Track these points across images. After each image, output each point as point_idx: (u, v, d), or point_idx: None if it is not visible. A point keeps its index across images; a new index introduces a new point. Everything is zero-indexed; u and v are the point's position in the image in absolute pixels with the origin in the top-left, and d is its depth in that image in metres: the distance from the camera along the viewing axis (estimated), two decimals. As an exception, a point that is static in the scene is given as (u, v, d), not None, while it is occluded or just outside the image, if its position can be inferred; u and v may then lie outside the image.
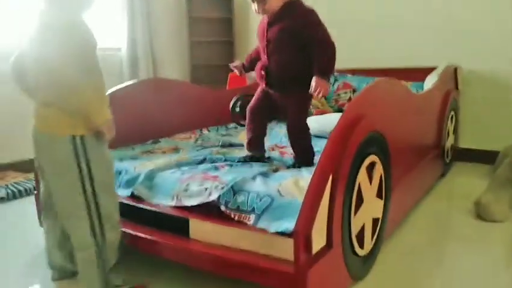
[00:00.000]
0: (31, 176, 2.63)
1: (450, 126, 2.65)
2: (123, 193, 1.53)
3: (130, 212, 1.44)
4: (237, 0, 3.98)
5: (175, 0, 3.94)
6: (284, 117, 1.68)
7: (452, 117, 2.68)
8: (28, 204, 2.23)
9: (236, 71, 1.85)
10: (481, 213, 1.94)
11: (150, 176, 1.52)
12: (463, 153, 2.95)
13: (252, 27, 3.93)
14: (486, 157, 2.73)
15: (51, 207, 1.31)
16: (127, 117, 2.02)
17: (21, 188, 2.41)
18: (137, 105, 2.13)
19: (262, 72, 1.63)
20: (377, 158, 1.42)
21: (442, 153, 2.49)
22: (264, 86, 1.66)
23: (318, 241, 1.11)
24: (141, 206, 1.45)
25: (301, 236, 1.05)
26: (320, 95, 1.48)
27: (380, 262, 1.50)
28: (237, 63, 1.86)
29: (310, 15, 1.56)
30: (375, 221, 1.46)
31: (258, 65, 1.67)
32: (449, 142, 2.66)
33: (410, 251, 1.64)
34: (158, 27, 3.79)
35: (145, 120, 2.19)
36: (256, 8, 1.59)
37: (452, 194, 2.36)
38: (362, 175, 1.32)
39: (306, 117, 1.65)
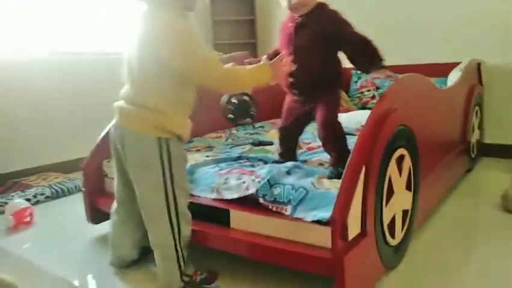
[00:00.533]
0: (72, 176, 2.79)
1: (475, 121, 2.68)
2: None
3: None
4: (258, 2, 4.08)
5: (199, 4, 4.05)
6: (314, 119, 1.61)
7: (476, 113, 2.71)
8: (72, 202, 2.39)
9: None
10: (508, 206, 1.97)
11: (191, 171, 1.62)
12: (489, 149, 2.97)
13: (274, 28, 4.01)
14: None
15: (126, 200, 1.42)
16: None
17: (64, 187, 2.55)
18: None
19: (291, 79, 1.55)
20: (406, 151, 1.48)
21: (468, 148, 2.53)
22: (292, 93, 1.63)
23: (353, 229, 1.18)
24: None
25: (338, 223, 1.13)
26: (390, 77, 1.46)
27: (411, 252, 1.56)
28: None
29: (338, 16, 1.55)
30: (405, 212, 1.52)
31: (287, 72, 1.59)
32: (475, 137, 2.68)
33: (440, 243, 1.70)
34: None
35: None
36: (289, 4, 1.54)
37: (479, 188, 2.39)
38: (392, 167, 1.38)
39: (338, 116, 1.58)
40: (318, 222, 1.22)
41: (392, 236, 1.41)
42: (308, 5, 1.55)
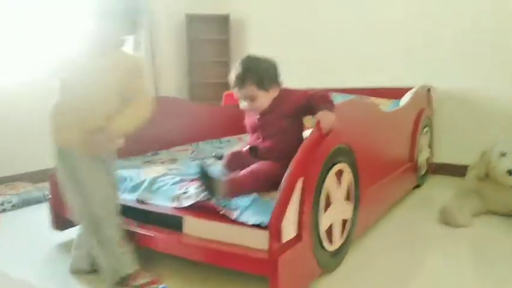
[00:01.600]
0: (40, 185, 2.87)
1: (424, 142, 2.90)
2: (129, 197, 1.77)
3: (135, 214, 1.67)
4: (232, 24, 4.28)
5: (175, 24, 4.23)
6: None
7: (426, 133, 2.93)
8: (39, 211, 2.48)
9: None
10: (446, 219, 2.17)
11: (153, 182, 1.75)
12: (439, 167, 3.21)
13: (247, 48, 4.22)
14: (460, 170, 2.94)
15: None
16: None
17: (31, 197, 2.64)
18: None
19: (248, 150, 1.71)
20: (346, 166, 1.66)
21: (416, 166, 2.74)
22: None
23: (288, 233, 1.34)
24: (143, 208, 1.68)
25: (273, 226, 1.28)
26: (328, 128, 1.52)
27: (350, 258, 1.72)
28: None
29: (296, 92, 1.68)
30: (344, 222, 1.68)
31: (260, 145, 1.69)
32: (423, 156, 2.90)
33: (380, 251, 1.86)
34: (160, 49, 4.07)
35: (145, 134, 2.42)
36: (246, 105, 1.65)
37: (424, 203, 2.58)
38: (330, 180, 1.55)
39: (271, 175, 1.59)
40: (259, 226, 1.36)
41: (330, 242, 1.57)
42: (262, 107, 1.65)
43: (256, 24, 4.19)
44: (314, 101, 1.58)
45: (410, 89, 2.91)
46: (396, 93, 2.99)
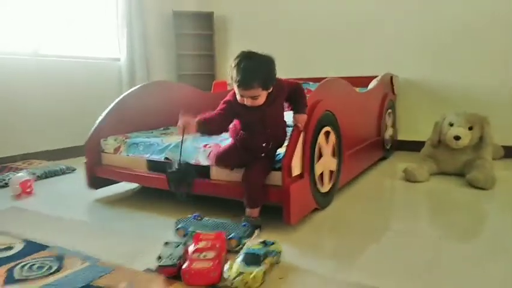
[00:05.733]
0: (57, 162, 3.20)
1: (388, 121, 3.45)
2: (157, 157, 2.18)
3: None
4: (216, 20, 4.70)
5: (164, 20, 4.61)
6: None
7: (389, 114, 3.48)
8: (60, 180, 2.83)
9: (178, 129, 1.76)
10: (407, 176, 2.70)
11: (177, 145, 2.16)
12: (401, 144, 3.78)
13: (230, 42, 4.66)
14: (419, 146, 3.47)
15: None
16: (141, 110, 2.67)
17: (51, 170, 2.97)
18: (148, 101, 2.76)
19: (264, 145, 1.86)
20: (331, 129, 2.14)
21: (382, 141, 3.27)
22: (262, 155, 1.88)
23: (295, 170, 1.80)
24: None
25: (285, 166, 1.74)
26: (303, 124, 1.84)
27: (336, 202, 2.21)
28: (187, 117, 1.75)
29: (281, 82, 1.83)
30: (331, 172, 2.17)
31: (258, 139, 1.84)
32: (388, 133, 3.44)
33: (357, 197, 2.36)
34: (151, 42, 4.44)
35: (153, 113, 2.82)
36: (246, 102, 1.73)
37: (390, 169, 3.11)
38: (321, 138, 2.02)
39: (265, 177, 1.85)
40: (273, 169, 1.82)
41: (322, 185, 2.04)
42: (261, 102, 1.75)
43: (238, 20, 4.65)
44: (297, 98, 1.88)
45: (375, 77, 3.45)
46: (364, 81, 3.51)
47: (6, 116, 3.24)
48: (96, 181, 2.36)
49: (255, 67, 1.68)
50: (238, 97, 1.77)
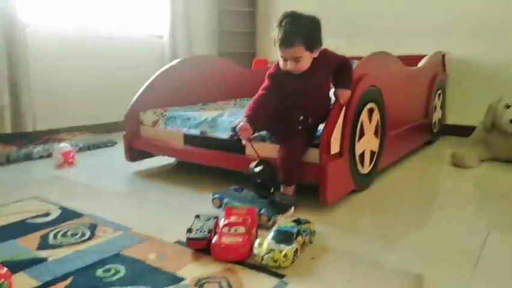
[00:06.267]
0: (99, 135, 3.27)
1: (437, 102, 3.24)
2: (193, 132, 2.15)
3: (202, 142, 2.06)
4: (259, 17, 4.59)
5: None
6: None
7: (439, 95, 3.27)
8: (102, 153, 2.89)
9: (244, 141, 1.76)
10: (455, 161, 2.53)
11: (214, 119, 2.12)
12: (450, 128, 3.55)
13: (274, 18, 4.53)
14: (469, 132, 3.25)
15: None
16: (181, 85, 2.65)
17: (94, 142, 3.04)
18: (188, 76, 2.73)
19: (301, 118, 1.76)
20: (375, 106, 2.01)
21: (430, 123, 3.09)
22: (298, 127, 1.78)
23: (334, 148, 1.71)
24: (214, 136, 2.06)
25: (324, 142, 1.65)
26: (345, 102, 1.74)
27: (376, 184, 2.10)
28: (241, 124, 1.68)
29: (329, 52, 1.75)
30: (372, 152, 2.05)
31: (296, 110, 1.76)
32: (437, 115, 3.24)
33: (401, 181, 2.23)
34: (194, 19, 4.41)
35: (193, 88, 2.79)
36: (289, 66, 1.65)
37: (436, 154, 2.94)
38: (364, 115, 1.91)
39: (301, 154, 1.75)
40: (311, 145, 1.74)
41: (362, 165, 1.94)
42: (304, 68, 1.67)
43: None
44: (343, 72, 1.77)
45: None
46: (414, 60, 3.31)
47: (52, 90, 3.33)
48: (134, 153, 2.37)
49: (298, 24, 1.61)
50: (280, 63, 1.70)
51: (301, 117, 1.78)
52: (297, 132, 1.78)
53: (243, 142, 1.77)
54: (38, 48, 3.20)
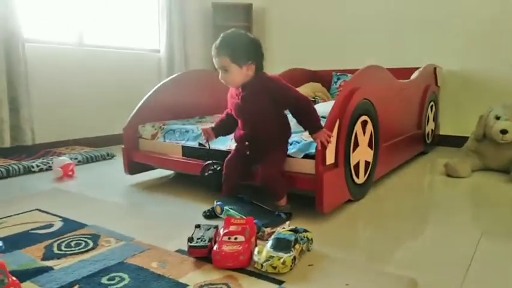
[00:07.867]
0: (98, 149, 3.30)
1: (430, 114, 3.32)
2: (192, 143, 2.20)
3: (200, 153, 2.10)
4: (255, 12, 4.69)
5: (203, 12, 4.65)
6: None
7: (432, 107, 3.34)
8: (102, 166, 2.92)
9: (203, 137, 1.97)
10: (448, 171, 2.59)
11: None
12: (443, 139, 3.63)
13: (267, 34, 4.63)
14: (461, 142, 3.32)
15: None
16: (178, 98, 2.71)
17: (92, 155, 3.07)
18: (186, 90, 2.79)
19: (246, 143, 1.81)
20: (368, 118, 2.08)
21: (423, 135, 3.16)
22: (243, 152, 1.84)
23: (329, 159, 1.76)
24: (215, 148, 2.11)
25: (320, 153, 1.70)
26: (330, 139, 1.70)
27: (372, 193, 2.15)
28: (206, 126, 1.93)
29: (281, 82, 1.75)
30: (367, 163, 2.11)
31: (238, 134, 1.84)
32: (430, 127, 3.32)
33: (395, 190, 2.29)
34: (190, 34, 4.50)
35: (190, 102, 2.85)
36: (220, 76, 1.72)
37: (430, 164, 3.00)
38: (358, 127, 1.97)
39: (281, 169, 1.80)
40: (307, 157, 1.78)
41: (357, 176, 1.99)
42: (235, 83, 1.73)
43: (276, 12, 4.61)
44: (303, 115, 1.74)
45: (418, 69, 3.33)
46: (406, 73, 3.39)
47: (51, 104, 3.39)
48: (133, 166, 2.42)
49: (229, 38, 1.70)
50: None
51: (246, 142, 1.83)
52: (269, 149, 1.79)
53: (202, 134, 2.00)
54: (37, 63, 3.26)
